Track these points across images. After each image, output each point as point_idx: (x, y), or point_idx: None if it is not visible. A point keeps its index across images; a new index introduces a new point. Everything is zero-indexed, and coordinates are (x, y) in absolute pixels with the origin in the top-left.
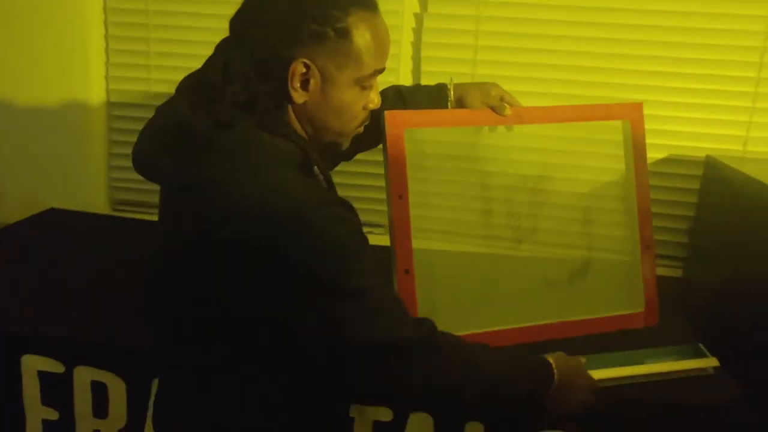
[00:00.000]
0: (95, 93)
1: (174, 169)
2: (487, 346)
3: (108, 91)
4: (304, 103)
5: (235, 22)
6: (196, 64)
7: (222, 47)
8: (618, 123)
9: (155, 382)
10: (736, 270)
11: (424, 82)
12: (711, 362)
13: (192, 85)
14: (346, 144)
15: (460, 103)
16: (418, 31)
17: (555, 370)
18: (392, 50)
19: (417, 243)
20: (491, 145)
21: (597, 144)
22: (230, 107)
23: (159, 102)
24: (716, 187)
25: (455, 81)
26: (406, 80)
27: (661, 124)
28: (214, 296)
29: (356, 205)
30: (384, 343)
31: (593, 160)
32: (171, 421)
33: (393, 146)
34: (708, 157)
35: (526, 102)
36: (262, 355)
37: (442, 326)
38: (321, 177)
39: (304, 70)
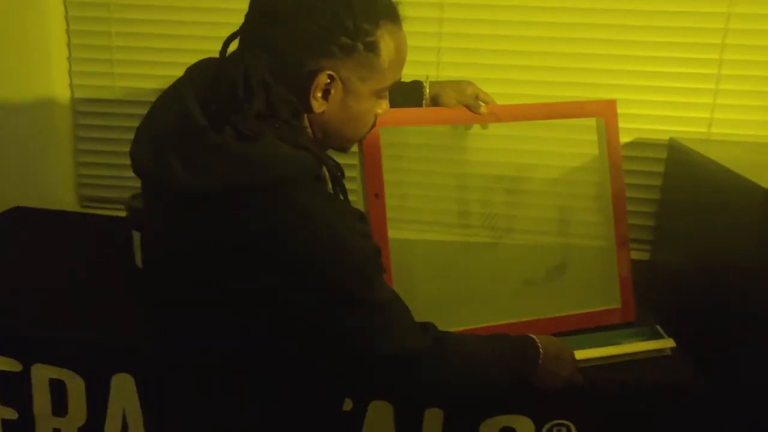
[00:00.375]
0: (59, 89)
1: (190, 177)
2: (479, 336)
3: (72, 86)
4: (322, 112)
5: (254, 22)
6: (160, 58)
7: (239, 49)
8: (592, 121)
9: (115, 378)
10: (699, 252)
11: None
12: (668, 343)
13: (204, 85)
14: (348, 150)
15: (435, 102)
16: None
17: (540, 349)
18: None
19: (393, 242)
20: (467, 144)
21: (572, 142)
22: (253, 119)
23: (124, 96)
24: (679, 170)
25: (427, 76)
26: None
27: (625, 108)
28: (230, 305)
29: None
30: (401, 353)
31: (568, 159)
32: (169, 420)
33: (369, 145)
34: (671, 139)
35: (499, 90)
36: (271, 361)
37: None
38: (341, 184)
39: (328, 81)
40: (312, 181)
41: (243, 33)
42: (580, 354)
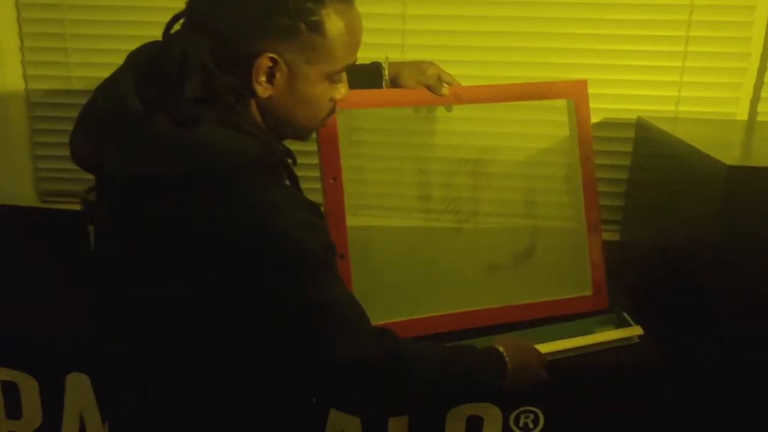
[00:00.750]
0: (12, 80)
1: (123, 165)
2: (444, 347)
3: (26, 77)
4: (269, 97)
5: (194, 3)
6: (116, 45)
7: (179, 32)
8: (562, 102)
9: (69, 378)
10: (666, 231)
11: None
12: (635, 331)
13: (143, 70)
14: (307, 137)
15: (395, 83)
16: None
17: (507, 360)
18: None
19: (352, 227)
20: (429, 127)
21: (540, 124)
22: (190, 103)
23: (81, 86)
24: (647, 149)
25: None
26: None
27: (592, 88)
28: (174, 301)
29: None
30: (351, 362)
31: (536, 141)
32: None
33: (325, 128)
34: (639, 119)
35: (465, 72)
36: (221, 356)
37: (379, 312)
38: (291, 172)
39: (270, 64)
40: (259, 168)
41: (185, 15)
42: (547, 347)
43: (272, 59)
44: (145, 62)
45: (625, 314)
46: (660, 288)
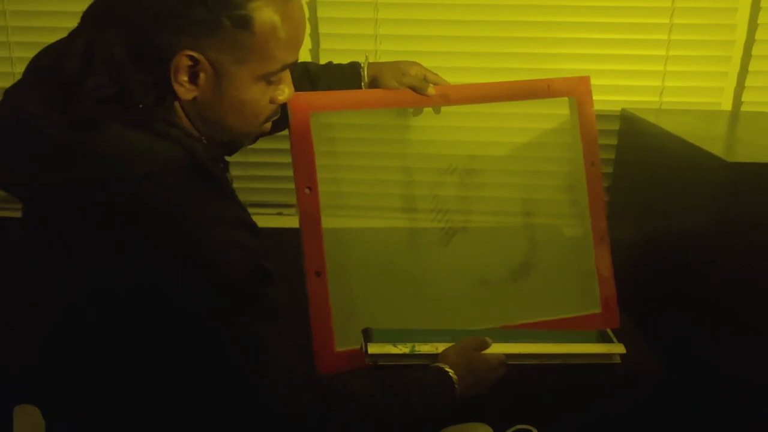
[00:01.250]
0: None
1: (19, 175)
2: (382, 383)
3: None
4: (194, 99)
5: None
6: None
7: (84, 26)
8: (562, 101)
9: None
10: (656, 229)
11: (323, 60)
12: (616, 348)
13: (44, 71)
14: (248, 143)
15: (375, 85)
16: (312, 6)
17: (455, 380)
18: None
19: (329, 238)
20: (414, 131)
21: (537, 126)
22: (93, 103)
23: None
24: (633, 142)
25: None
26: (304, 59)
27: None
28: (86, 321)
29: (264, 184)
30: (273, 413)
31: (534, 146)
32: None
33: (297, 133)
34: (623, 110)
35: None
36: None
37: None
38: (218, 181)
39: (190, 63)
40: (177, 176)
41: (95, 7)
42: (514, 348)
43: (192, 58)
44: (47, 63)
45: (608, 331)
46: (647, 289)
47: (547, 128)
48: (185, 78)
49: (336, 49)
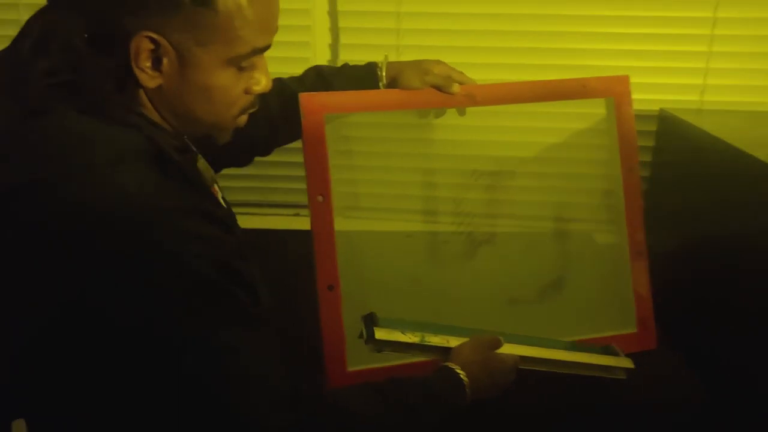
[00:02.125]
0: None
1: None
2: (382, 394)
3: None
4: (159, 87)
5: None
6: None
7: (41, 10)
8: (599, 102)
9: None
10: (697, 238)
11: (342, 55)
12: (623, 362)
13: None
14: (224, 138)
15: (394, 85)
16: None
17: (466, 383)
18: (305, 21)
19: (343, 244)
20: (437, 133)
21: (572, 128)
22: (43, 88)
23: None
24: (671, 143)
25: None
26: (323, 55)
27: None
28: (34, 329)
29: (280, 184)
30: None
31: (567, 149)
32: None
33: (310, 136)
34: (662, 110)
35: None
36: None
37: (377, 355)
38: (182, 171)
39: (151, 46)
40: (132, 165)
41: None
42: (524, 351)
43: (152, 40)
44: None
45: (613, 346)
46: (687, 303)
47: (581, 128)
48: (147, 63)
49: (356, 44)
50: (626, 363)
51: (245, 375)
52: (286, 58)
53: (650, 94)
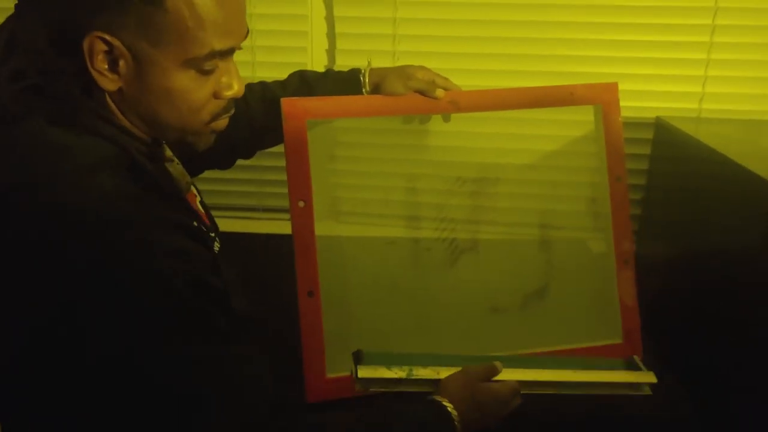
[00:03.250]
0: None
1: None
2: (363, 421)
3: None
4: (120, 90)
5: None
6: None
7: (10, 16)
8: (587, 109)
9: None
10: (691, 248)
11: (339, 60)
12: (646, 377)
13: None
14: (203, 145)
15: (378, 92)
16: (329, 4)
17: (455, 416)
18: (302, 27)
19: (324, 249)
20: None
21: (557, 132)
22: (13, 94)
23: None
24: (667, 152)
25: (374, 63)
26: (320, 60)
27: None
28: (9, 338)
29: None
30: None
31: (553, 157)
32: None
33: (292, 141)
34: (658, 118)
35: (461, 83)
36: None
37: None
38: (155, 181)
39: (105, 47)
40: (103, 176)
41: None
42: (530, 375)
43: (105, 41)
44: None
45: (635, 357)
46: (681, 313)
47: (568, 135)
48: (104, 65)
49: (353, 49)
50: (649, 378)
51: (229, 389)
52: (282, 63)
53: (648, 101)
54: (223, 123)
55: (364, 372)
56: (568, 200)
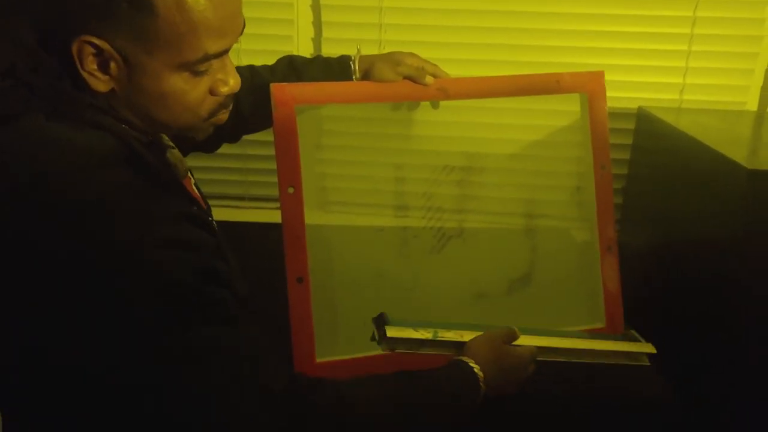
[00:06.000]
0: None
1: None
2: (392, 386)
3: None
4: (113, 91)
5: None
6: None
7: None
8: (573, 96)
9: None
10: (670, 236)
11: (325, 49)
12: (645, 348)
13: None
14: (201, 135)
15: (368, 78)
16: None
17: (480, 377)
18: (288, 15)
19: (313, 237)
20: (409, 128)
21: (544, 122)
22: (8, 92)
23: None
24: (649, 142)
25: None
26: (306, 48)
27: None
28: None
29: (263, 177)
30: None
31: (539, 145)
32: None
33: (281, 127)
34: (640, 108)
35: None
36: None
37: (344, 346)
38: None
39: (93, 50)
40: (106, 169)
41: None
42: (543, 341)
43: (94, 45)
44: None
45: (632, 330)
46: (661, 300)
47: (554, 125)
48: (94, 66)
49: (339, 38)
50: (648, 348)
51: (241, 372)
52: (268, 51)
53: (630, 92)
54: (222, 117)
55: (392, 332)
56: (554, 189)
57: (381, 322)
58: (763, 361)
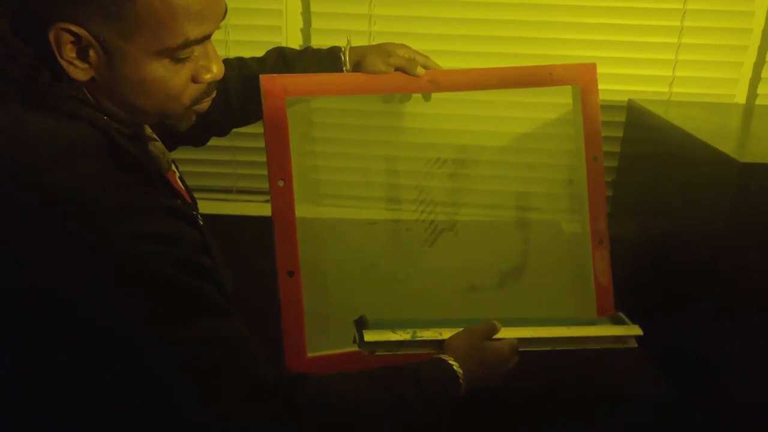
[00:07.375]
0: None
1: None
2: (369, 379)
3: None
4: (93, 79)
5: None
6: None
7: None
8: (566, 88)
9: None
10: (658, 227)
11: (314, 40)
12: (633, 330)
13: None
14: (184, 125)
15: (359, 69)
16: None
17: (460, 374)
18: (276, 6)
19: (304, 231)
20: (401, 120)
21: (536, 115)
22: None
23: None
24: (639, 134)
25: (348, 39)
26: (294, 39)
27: None
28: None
29: (251, 170)
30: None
31: (531, 138)
32: None
33: (271, 119)
34: (630, 101)
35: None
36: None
37: (336, 340)
38: (139, 163)
39: (72, 38)
40: (86, 161)
41: None
42: (526, 332)
43: (72, 32)
44: None
45: (620, 313)
46: (652, 291)
47: (546, 118)
48: (72, 54)
49: (328, 29)
50: (635, 330)
51: (227, 365)
52: (256, 42)
53: (619, 84)
54: (204, 106)
55: (369, 336)
56: (546, 182)
57: (360, 325)
58: (752, 350)
